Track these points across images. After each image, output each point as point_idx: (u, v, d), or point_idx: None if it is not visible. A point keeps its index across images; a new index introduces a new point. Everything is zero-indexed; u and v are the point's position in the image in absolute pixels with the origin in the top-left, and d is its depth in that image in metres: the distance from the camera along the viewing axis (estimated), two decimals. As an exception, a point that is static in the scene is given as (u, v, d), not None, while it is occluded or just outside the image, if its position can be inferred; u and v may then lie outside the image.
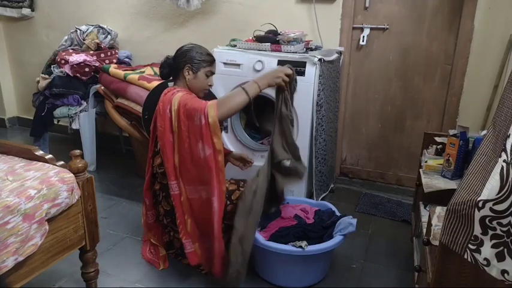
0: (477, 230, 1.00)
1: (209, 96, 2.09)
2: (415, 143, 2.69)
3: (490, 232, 0.99)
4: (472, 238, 1.02)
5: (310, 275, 1.86)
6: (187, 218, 1.83)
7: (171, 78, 1.99)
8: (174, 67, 1.92)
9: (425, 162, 1.95)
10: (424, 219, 1.64)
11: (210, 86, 1.96)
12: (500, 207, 0.95)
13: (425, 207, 1.76)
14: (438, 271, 1.14)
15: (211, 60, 1.93)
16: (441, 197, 1.62)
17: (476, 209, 0.98)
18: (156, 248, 2.04)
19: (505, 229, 0.97)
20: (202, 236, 1.85)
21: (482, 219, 0.98)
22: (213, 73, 1.95)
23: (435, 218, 1.42)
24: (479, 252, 1.02)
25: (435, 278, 1.16)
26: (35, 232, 1.32)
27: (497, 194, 0.95)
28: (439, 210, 1.46)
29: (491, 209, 0.96)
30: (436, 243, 1.22)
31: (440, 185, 1.74)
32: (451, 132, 1.91)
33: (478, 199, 0.98)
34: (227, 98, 1.75)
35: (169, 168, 1.81)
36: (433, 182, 1.77)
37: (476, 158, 1.10)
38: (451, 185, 1.73)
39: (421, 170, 1.95)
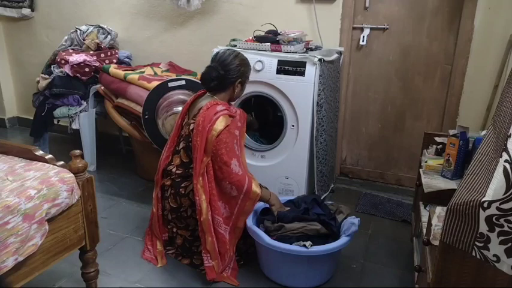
0: (483, 228, 1.00)
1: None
2: (415, 143, 2.69)
3: (497, 229, 0.99)
4: (478, 235, 1.02)
5: (315, 276, 1.86)
6: (207, 236, 1.85)
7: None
8: (223, 80, 1.91)
9: (425, 162, 1.94)
10: (424, 219, 1.64)
11: None
12: (507, 205, 0.95)
13: (425, 207, 1.75)
14: (438, 271, 1.14)
15: (250, 69, 2.04)
16: (441, 197, 1.62)
17: (481, 209, 0.98)
18: (153, 243, 2.06)
19: None
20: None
21: (488, 218, 0.98)
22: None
23: (435, 218, 1.42)
24: (488, 249, 1.02)
25: (435, 278, 1.16)
26: (35, 232, 1.32)
27: (504, 194, 0.95)
28: (439, 210, 1.46)
29: (497, 208, 0.96)
30: (436, 243, 1.22)
31: (441, 185, 1.74)
32: (451, 132, 1.91)
33: (483, 200, 0.98)
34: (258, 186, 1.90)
35: (195, 184, 1.85)
36: (433, 182, 1.77)
37: (477, 158, 1.10)
38: (451, 185, 1.73)
39: (421, 170, 1.95)
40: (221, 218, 1.89)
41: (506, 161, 0.97)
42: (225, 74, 1.90)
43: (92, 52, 3.01)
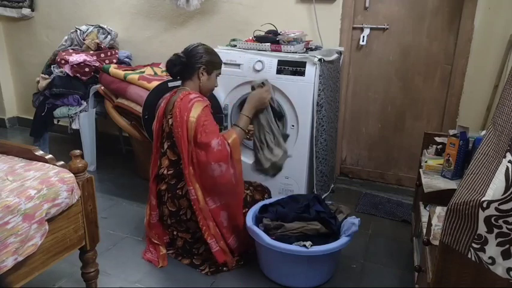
0: (481, 229, 1.00)
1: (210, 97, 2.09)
2: (415, 143, 2.69)
3: (496, 230, 0.98)
4: (476, 237, 1.02)
5: (315, 276, 1.87)
6: (209, 222, 1.89)
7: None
8: (187, 67, 1.94)
9: (425, 162, 1.95)
10: (424, 219, 1.64)
11: (216, 86, 2.07)
12: (506, 206, 0.95)
13: (425, 207, 1.75)
14: (438, 271, 1.14)
15: (221, 63, 2.04)
16: (441, 197, 1.62)
17: (480, 209, 0.98)
18: (156, 247, 2.05)
19: (511, 227, 0.97)
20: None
21: (487, 219, 0.98)
22: (220, 74, 2.06)
23: (435, 218, 1.42)
24: (484, 251, 1.02)
25: (435, 278, 1.16)
26: (34, 232, 1.32)
27: (503, 195, 0.95)
28: (439, 210, 1.46)
29: (496, 209, 0.96)
30: (436, 243, 1.22)
31: (440, 185, 1.74)
32: (451, 132, 1.91)
33: (482, 199, 0.97)
34: (235, 140, 1.90)
35: (186, 175, 1.86)
36: (433, 182, 1.77)
37: (477, 158, 1.10)
38: (451, 185, 1.73)
39: (421, 170, 1.95)
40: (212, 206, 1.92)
41: (509, 161, 0.96)
42: (186, 61, 1.93)
43: (92, 52, 3.01)
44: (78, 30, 3.12)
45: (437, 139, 2.10)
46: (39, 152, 1.56)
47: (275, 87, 2.29)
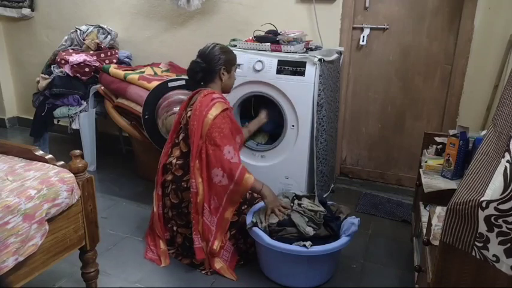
0: (482, 228, 1.00)
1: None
2: (415, 143, 2.69)
3: (496, 229, 0.99)
4: (478, 235, 1.02)
5: (315, 276, 1.87)
6: (200, 217, 1.89)
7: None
8: (209, 71, 1.99)
9: (425, 162, 1.95)
10: (424, 219, 1.64)
11: (235, 79, 2.14)
12: (504, 206, 0.95)
13: (425, 207, 1.75)
14: (438, 271, 1.14)
15: (236, 57, 2.09)
16: (441, 197, 1.62)
17: (479, 209, 0.98)
18: (156, 242, 2.06)
19: (511, 226, 0.97)
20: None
21: (487, 218, 0.99)
22: (237, 67, 2.13)
23: (435, 218, 1.42)
24: (487, 249, 1.02)
25: (435, 278, 1.16)
26: (35, 232, 1.32)
27: (501, 195, 0.95)
28: (439, 210, 1.46)
29: (495, 209, 0.96)
30: (436, 243, 1.22)
31: (440, 185, 1.74)
32: (451, 132, 1.91)
33: (482, 199, 0.98)
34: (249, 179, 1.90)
35: (192, 167, 1.89)
36: (433, 182, 1.77)
37: (477, 158, 1.10)
38: (451, 185, 1.73)
39: (421, 170, 1.95)
40: (208, 207, 1.91)
41: (508, 161, 0.97)
42: (207, 66, 1.97)
43: (92, 52, 3.01)
44: (78, 30, 3.11)
45: (437, 139, 2.10)
46: (39, 152, 1.56)
47: (275, 87, 2.30)
